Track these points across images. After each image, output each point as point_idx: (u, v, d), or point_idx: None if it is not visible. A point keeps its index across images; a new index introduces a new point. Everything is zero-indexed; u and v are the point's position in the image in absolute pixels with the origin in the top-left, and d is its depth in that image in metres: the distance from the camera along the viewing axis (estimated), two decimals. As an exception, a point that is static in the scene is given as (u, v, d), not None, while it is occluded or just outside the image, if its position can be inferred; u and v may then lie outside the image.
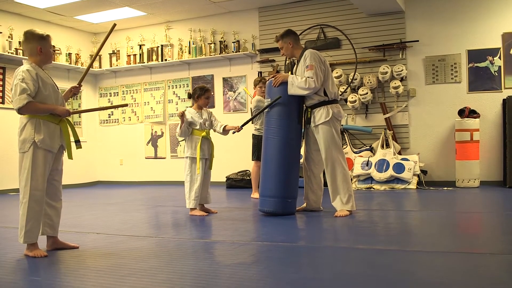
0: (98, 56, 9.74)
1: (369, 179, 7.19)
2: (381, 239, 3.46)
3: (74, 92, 3.56)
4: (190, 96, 5.18)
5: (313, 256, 2.99)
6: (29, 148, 3.13)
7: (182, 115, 4.91)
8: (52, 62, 3.57)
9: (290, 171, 4.61)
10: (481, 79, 7.19)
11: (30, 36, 3.26)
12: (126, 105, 3.95)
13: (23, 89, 3.09)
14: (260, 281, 2.46)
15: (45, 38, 3.27)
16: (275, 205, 4.57)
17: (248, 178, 7.92)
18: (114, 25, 3.72)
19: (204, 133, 4.97)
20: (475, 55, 7.21)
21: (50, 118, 3.21)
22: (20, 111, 3.13)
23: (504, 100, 6.99)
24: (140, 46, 9.40)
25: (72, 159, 3.32)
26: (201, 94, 5.03)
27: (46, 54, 3.27)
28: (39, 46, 3.24)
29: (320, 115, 4.55)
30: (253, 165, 6.40)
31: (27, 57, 3.30)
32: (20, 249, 3.22)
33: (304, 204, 4.93)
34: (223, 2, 8.16)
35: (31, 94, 3.11)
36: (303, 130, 4.83)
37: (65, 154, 3.35)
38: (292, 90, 4.54)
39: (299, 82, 4.51)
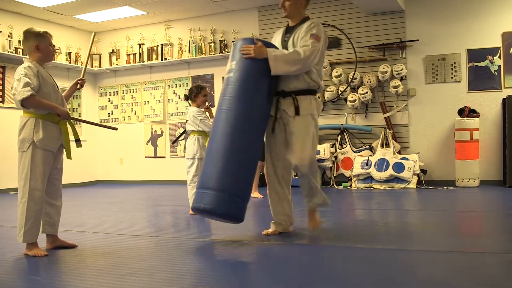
0: (98, 55, 9.75)
1: (369, 178, 7.19)
2: (380, 238, 3.46)
3: (81, 84, 3.55)
4: (187, 97, 5.18)
5: (312, 255, 2.99)
6: (28, 147, 3.13)
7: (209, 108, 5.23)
8: (53, 60, 3.55)
9: (244, 159, 3.34)
10: (481, 79, 7.19)
11: (27, 34, 3.26)
12: (115, 128, 3.86)
13: (26, 82, 3.09)
14: (260, 281, 2.46)
15: (42, 35, 3.26)
16: (216, 200, 3.22)
17: (248, 177, 7.91)
18: (94, 34, 3.74)
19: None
20: (475, 55, 7.21)
21: (50, 117, 3.20)
22: (23, 103, 3.08)
23: (504, 99, 6.99)
24: (140, 45, 9.39)
25: (71, 159, 3.32)
26: (198, 92, 5.03)
27: (43, 51, 3.26)
28: (36, 44, 3.23)
29: (307, 106, 3.53)
30: (253, 164, 6.40)
31: (27, 56, 3.30)
32: (20, 248, 3.21)
33: (271, 229, 3.73)
34: (222, 1, 8.16)
35: (34, 88, 3.10)
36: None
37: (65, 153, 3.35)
38: (278, 67, 3.41)
39: (287, 54, 3.44)
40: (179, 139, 5.92)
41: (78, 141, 3.43)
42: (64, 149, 3.35)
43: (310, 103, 3.53)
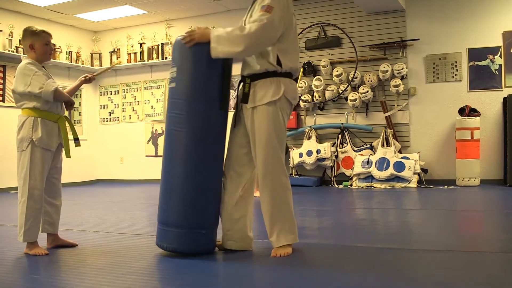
0: (99, 55, 9.75)
1: (370, 177, 7.18)
2: (381, 238, 3.46)
3: (92, 78, 3.53)
4: None
5: (312, 254, 2.98)
6: (27, 146, 3.12)
7: None
8: (51, 59, 3.52)
9: (204, 185, 2.92)
10: (482, 78, 7.19)
11: (24, 33, 3.25)
12: (113, 64, 3.86)
13: (44, 75, 3.14)
14: (259, 279, 2.46)
15: (37, 34, 3.21)
16: (179, 239, 2.89)
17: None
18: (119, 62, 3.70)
19: None
20: (476, 54, 7.21)
21: (48, 116, 3.20)
22: (55, 94, 3.11)
23: (504, 98, 6.99)
24: (141, 44, 9.39)
25: (70, 157, 3.31)
26: None
27: (38, 50, 3.21)
28: (30, 43, 3.20)
29: (265, 91, 2.84)
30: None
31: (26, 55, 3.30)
32: (20, 247, 3.21)
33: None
34: (223, 0, 8.16)
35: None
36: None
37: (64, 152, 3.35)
38: (219, 48, 2.77)
39: (230, 32, 2.77)
40: None
41: (76, 140, 3.43)
42: (63, 148, 3.34)
43: (267, 88, 2.83)
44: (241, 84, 2.94)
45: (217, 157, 2.98)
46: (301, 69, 8.01)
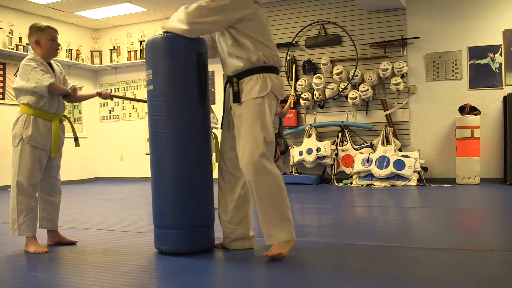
0: (99, 52, 9.75)
1: (370, 175, 7.19)
2: (381, 236, 3.46)
3: (106, 94, 3.45)
4: None
5: (312, 253, 2.99)
6: (18, 143, 3.15)
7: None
8: (55, 57, 3.52)
9: (195, 183, 2.91)
10: (482, 76, 7.18)
11: (30, 29, 3.26)
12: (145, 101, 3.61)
13: (44, 70, 3.14)
14: (259, 278, 2.46)
15: (42, 30, 3.23)
16: (177, 240, 2.89)
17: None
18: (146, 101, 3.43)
19: None
20: (476, 52, 7.20)
21: (43, 114, 3.19)
22: (49, 88, 3.11)
23: (505, 97, 6.98)
24: (141, 42, 9.38)
25: (57, 157, 3.28)
26: None
27: (43, 46, 3.22)
28: (35, 39, 3.22)
29: (251, 87, 2.79)
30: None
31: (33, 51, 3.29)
32: (20, 244, 3.22)
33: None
34: (223, -2, 8.15)
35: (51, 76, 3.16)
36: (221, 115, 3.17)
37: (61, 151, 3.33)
38: (169, 22, 2.92)
39: (185, 8, 2.81)
40: None
41: (76, 140, 3.43)
42: (61, 147, 3.32)
43: (255, 84, 2.78)
44: (228, 84, 2.92)
45: (204, 153, 2.97)
46: (295, 66, 8.03)
